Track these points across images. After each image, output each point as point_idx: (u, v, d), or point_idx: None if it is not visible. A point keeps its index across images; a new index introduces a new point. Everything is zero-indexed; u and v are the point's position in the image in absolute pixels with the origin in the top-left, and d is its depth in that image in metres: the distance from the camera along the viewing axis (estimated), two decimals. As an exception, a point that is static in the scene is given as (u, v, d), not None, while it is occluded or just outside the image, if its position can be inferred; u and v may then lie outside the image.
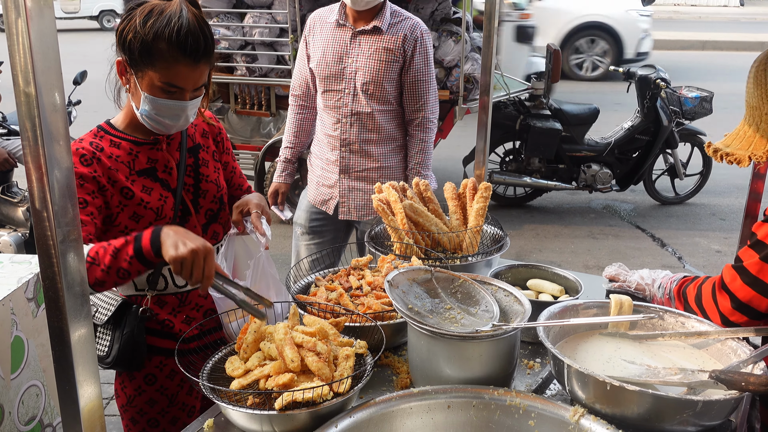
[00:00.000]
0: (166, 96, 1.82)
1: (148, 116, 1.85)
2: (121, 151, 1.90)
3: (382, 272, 2.14)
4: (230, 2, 5.86)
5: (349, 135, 3.14)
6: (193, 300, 2.05)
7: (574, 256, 5.76)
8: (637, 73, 6.52)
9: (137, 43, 1.75)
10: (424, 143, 3.23)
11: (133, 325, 1.93)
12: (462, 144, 7.42)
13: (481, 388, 1.58)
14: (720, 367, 1.63)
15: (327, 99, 3.16)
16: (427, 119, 3.20)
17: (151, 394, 2.05)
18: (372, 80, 3.05)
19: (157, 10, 1.76)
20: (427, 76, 3.16)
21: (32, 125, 1.06)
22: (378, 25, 3.03)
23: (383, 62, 3.05)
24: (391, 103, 3.15)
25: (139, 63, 1.78)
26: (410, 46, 3.07)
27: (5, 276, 2.79)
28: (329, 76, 3.11)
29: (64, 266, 1.12)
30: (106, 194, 1.84)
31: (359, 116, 3.11)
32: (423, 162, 3.23)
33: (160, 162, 1.96)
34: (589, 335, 1.80)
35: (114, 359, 1.93)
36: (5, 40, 1.04)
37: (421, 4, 5.77)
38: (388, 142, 3.20)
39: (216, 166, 2.12)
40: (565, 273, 2.17)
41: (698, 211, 6.82)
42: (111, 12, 19.90)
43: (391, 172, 3.24)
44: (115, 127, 1.94)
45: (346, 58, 3.07)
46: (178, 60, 1.77)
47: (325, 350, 1.57)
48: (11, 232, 4.83)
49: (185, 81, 1.81)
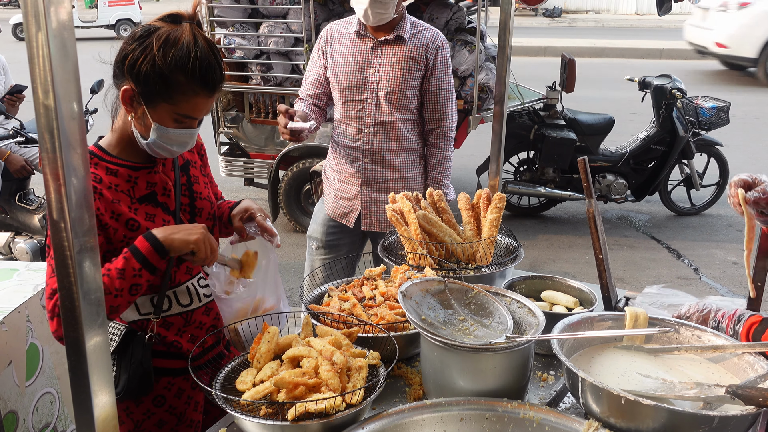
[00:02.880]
0: (178, 126, 1.80)
1: (155, 144, 1.81)
2: (119, 180, 1.85)
3: (395, 283, 2.14)
4: (246, 12, 5.91)
5: (371, 145, 3.14)
6: (197, 319, 2.04)
7: (588, 266, 5.72)
8: (652, 82, 6.49)
9: (155, 75, 1.71)
10: (446, 152, 3.24)
11: (140, 354, 1.89)
12: (476, 153, 7.42)
13: (495, 401, 1.58)
14: (737, 381, 1.61)
15: (348, 109, 3.14)
16: (448, 128, 3.22)
17: (161, 416, 2.03)
18: (396, 89, 3.06)
19: (172, 39, 1.71)
20: (448, 86, 3.18)
21: (51, 136, 1.07)
22: (401, 34, 3.05)
23: (406, 71, 3.06)
24: (413, 113, 3.16)
25: (154, 95, 1.74)
26: (432, 55, 3.09)
27: (21, 284, 2.82)
28: (350, 85, 3.10)
29: (80, 276, 1.13)
30: (109, 231, 1.81)
31: (382, 126, 3.11)
32: (444, 171, 3.24)
33: (158, 185, 1.92)
34: (603, 348, 1.78)
35: (123, 389, 1.89)
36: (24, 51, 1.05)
37: (435, 13, 5.79)
38: (409, 152, 3.20)
39: (205, 181, 2.10)
40: (579, 285, 2.16)
41: (715, 222, 6.76)
42: (128, 21, 20.10)
43: (412, 183, 3.24)
44: (108, 151, 1.87)
45: (368, 67, 3.07)
46: (197, 93, 1.75)
47: (341, 360, 1.57)
48: (27, 240, 4.88)
49: (200, 112, 1.80)
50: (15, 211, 4.92)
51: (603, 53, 16.49)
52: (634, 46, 16.17)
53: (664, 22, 19.88)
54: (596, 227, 2.10)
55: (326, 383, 1.53)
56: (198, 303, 2.04)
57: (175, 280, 1.98)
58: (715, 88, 11.82)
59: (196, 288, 2.04)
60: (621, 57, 16.21)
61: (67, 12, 1.04)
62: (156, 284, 1.93)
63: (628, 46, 16.46)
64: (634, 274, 5.60)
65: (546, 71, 10.79)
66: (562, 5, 24.75)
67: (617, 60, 15.90)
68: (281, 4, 5.72)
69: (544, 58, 15.65)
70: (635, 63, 15.27)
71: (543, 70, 11.51)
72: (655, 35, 19.32)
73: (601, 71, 14.03)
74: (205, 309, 2.06)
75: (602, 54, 16.45)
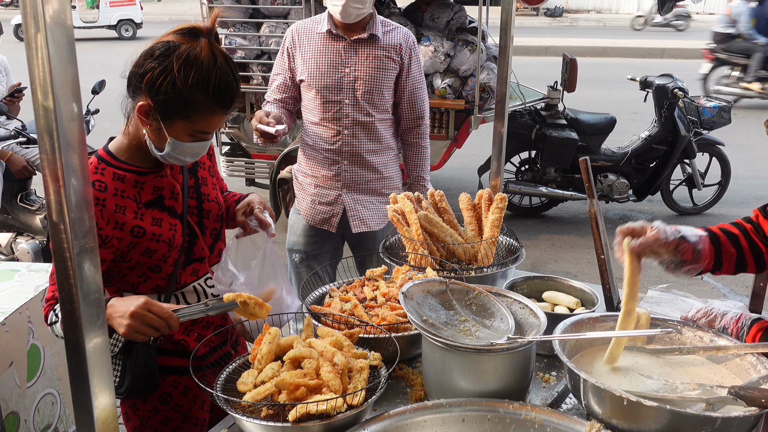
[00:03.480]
0: (193, 140, 1.82)
1: (169, 156, 1.82)
2: (126, 185, 1.85)
3: (396, 283, 2.14)
4: (247, 12, 5.91)
5: (351, 146, 3.09)
6: (204, 318, 2.05)
7: (590, 266, 5.71)
8: (654, 82, 6.48)
9: (175, 95, 1.72)
10: (426, 151, 3.24)
11: (145, 355, 1.89)
12: (477, 153, 7.41)
13: (496, 402, 1.57)
14: (739, 382, 1.60)
15: (325, 111, 3.07)
16: (426, 126, 3.22)
17: (166, 413, 2.04)
18: (374, 87, 3.03)
19: (192, 58, 1.72)
20: (422, 84, 3.18)
21: (50, 138, 1.07)
22: (374, 32, 3.00)
23: (383, 69, 3.03)
24: (388, 111, 3.14)
25: (172, 113, 1.76)
26: (407, 54, 3.07)
27: (23, 284, 2.82)
28: (327, 86, 3.03)
29: (80, 278, 1.12)
30: (112, 243, 1.81)
31: (362, 126, 3.07)
32: (425, 170, 3.24)
33: (165, 189, 1.93)
34: (605, 349, 1.77)
35: (127, 389, 1.90)
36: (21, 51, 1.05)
37: (436, 13, 5.78)
38: (387, 152, 3.19)
39: (213, 183, 2.10)
40: (581, 285, 2.16)
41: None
42: (129, 21, 20.09)
43: (391, 182, 3.22)
44: (117, 156, 1.88)
45: (343, 67, 3.02)
46: (215, 111, 1.78)
47: (342, 361, 1.57)
48: (29, 240, 4.88)
49: (215, 127, 1.83)
50: (17, 211, 4.92)
51: (604, 53, 16.48)
52: (636, 46, 16.18)
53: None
54: (598, 227, 2.10)
55: (327, 384, 1.53)
56: None
57: (181, 281, 1.98)
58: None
59: (204, 288, 2.04)
60: (622, 56, 16.19)
61: (67, 12, 1.03)
62: (162, 286, 1.93)
63: (629, 45, 16.46)
64: (635, 274, 5.58)
65: (547, 71, 10.78)
66: (564, 5, 24.74)
67: (619, 59, 15.89)
68: (282, 4, 5.72)
69: (545, 57, 15.64)
70: (637, 62, 15.26)
71: (544, 70, 11.49)
72: (657, 35, 19.31)
73: (603, 71, 14.02)
74: None
75: (604, 53, 16.45)
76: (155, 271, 1.92)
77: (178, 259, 1.93)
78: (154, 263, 1.90)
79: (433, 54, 5.48)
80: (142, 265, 1.89)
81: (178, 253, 1.93)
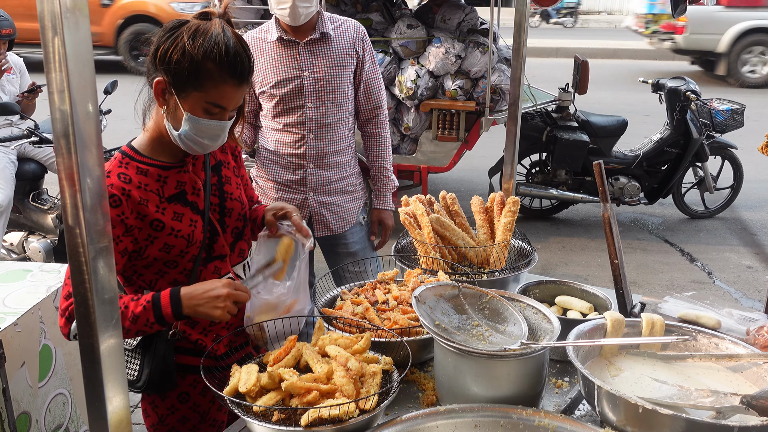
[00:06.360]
0: (209, 116, 1.81)
1: (186, 137, 1.82)
2: (149, 179, 1.87)
3: (408, 286, 2.13)
4: (258, 12, 5.92)
5: (316, 149, 3.03)
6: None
7: (601, 269, 5.68)
8: (666, 84, 6.44)
9: (186, 62, 1.73)
10: (386, 140, 3.21)
11: (163, 350, 1.91)
12: (487, 155, 7.39)
13: (509, 408, 1.56)
14: (755, 390, 1.58)
15: (288, 117, 3.01)
16: (384, 116, 3.19)
17: (184, 412, 2.05)
18: (336, 87, 2.98)
19: (201, 30, 1.75)
20: (377, 74, 3.14)
21: (66, 141, 1.07)
22: (325, 31, 2.95)
23: (342, 67, 2.99)
24: (350, 109, 3.10)
25: (185, 83, 1.77)
26: (360, 47, 3.04)
27: (34, 284, 2.83)
28: (288, 92, 2.96)
29: (95, 281, 1.12)
30: (134, 232, 1.82)
31: (326, 128, 3.02)
32: (388, 159, 3.22)
33: (188, 184, 1.94)
34: (619, 354, 1.76)
35: (145, 383, 1.93)
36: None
37: (448, 14, 5.77)
38: (348, 150, 3.15)
39: (237, 182, 2.11)
40: (594, 290, 2.14)
41: (729, 225, 6.70)
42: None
43: (353, 180, 3.19)
44: (140, 151, 1.90)
45: (302, 71, 2.95)
46: (226, 80, 1.77)
47: (355, 367, 1.56)
48: (41, 239, 4.90)
49: (229, 101, 1.81)
50: (28, 210, 4.95)
51: (616, 54, 16.40)
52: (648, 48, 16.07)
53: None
54: (612, 232, 2.08)
55: (341, 389, 1.52)
56: None
57: (202, 279, 1.97)
58: (729, 90, 11.74)
59: None
60: (634, 58, 16.12)
61: (84, 17, 1.03)
62: (181, 281, 1.94)
63: (641, 47, 16.37)
64: (647, 278, 5.56)
65: (558, 73, 10.75)
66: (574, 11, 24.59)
67: (630, 61, 15.81)
68: (294, 5, 5.72)
69: (556, 59, 15.59)
70: (648, 65, 15.18)
71: (555, 72, 11.47)
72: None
73: (614, 73, 13.96)
74: None
75: (615, 55, 16.37)
76: (171, 267, 1.92)
77: (198, 255, 1.93)
78: (171, 258, 1.90)
79: (444, 55, 5.46)
80: (158, 261, 1.90)
81: (198, 249, 1.93)
